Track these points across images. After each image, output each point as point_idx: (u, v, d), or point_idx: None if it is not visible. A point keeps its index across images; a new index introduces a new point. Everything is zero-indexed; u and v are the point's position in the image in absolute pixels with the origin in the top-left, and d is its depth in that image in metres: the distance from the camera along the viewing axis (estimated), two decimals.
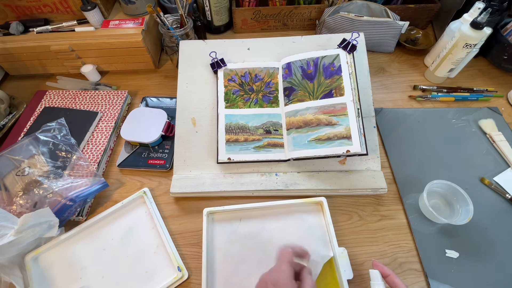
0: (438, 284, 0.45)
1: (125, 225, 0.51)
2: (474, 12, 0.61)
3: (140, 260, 0.48)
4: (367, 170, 0.54)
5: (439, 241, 0.49)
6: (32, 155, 0.54)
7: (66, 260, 0.48)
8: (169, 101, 0.68)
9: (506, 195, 0.53)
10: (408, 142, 0.61)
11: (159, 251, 0.49)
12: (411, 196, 0.54)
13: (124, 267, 0.47)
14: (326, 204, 0.50)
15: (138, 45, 0.69)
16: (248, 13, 0.81)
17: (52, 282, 0.47)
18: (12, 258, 0.45)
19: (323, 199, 0.50)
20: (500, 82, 0.71)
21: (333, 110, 0.51)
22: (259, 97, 0.58)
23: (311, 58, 0.56)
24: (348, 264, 0.45)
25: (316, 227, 0.49)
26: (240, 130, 0.56)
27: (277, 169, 0.55)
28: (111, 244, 0.50)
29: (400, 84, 0.72)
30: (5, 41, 0.68)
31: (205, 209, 0.50)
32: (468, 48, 0.61)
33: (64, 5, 0.68)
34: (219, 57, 0.60)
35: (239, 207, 0.51)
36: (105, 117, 0.64)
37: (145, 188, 0.55)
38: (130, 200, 0.53)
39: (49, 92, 0.68)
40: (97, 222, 0.51)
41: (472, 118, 0.64)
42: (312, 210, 0.51)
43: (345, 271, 0.44)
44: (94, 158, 0.58)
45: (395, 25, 0.71)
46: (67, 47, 0.68)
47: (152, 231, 0.50)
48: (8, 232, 0.44)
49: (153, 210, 0.52)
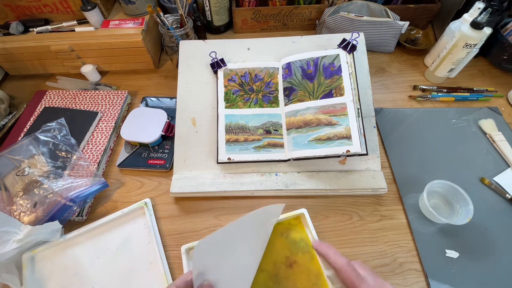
0: (438, 284, 0.45)
1: (122, 235, 0.50)
2: (474, 12, 0.61)
3: (132, 275, 0.47)
4: (367, 170, 0.54)
5: (439, 241, 0.49)
6: (32, 155, 0.54)
7: (61, 264, 0.48)
8: (169, 101, 0.68)
9: (506, 195, 0.53)
10: (408, 142, 0.61)
11: (152, 269, 0.47)
12: (411, 196, 0.54)
13: (115, 281, 0.46)
14: (307, 216, 0.48)
15: (138, 45, 0.69)
16: (248, 13, 0.81)
17: (44, 285, 0.46)
18: (11, 257, 0.45)
19: (304, 210, 0.48)
20: (500, 82, 0.71)
21: (333, 110, 0.51)
22: (259, 97, 0.58)
23: (311, 58, 0.56)
24: None
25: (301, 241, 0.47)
26: (240, 130, 0.55)
27: (277, 169, 0.55)
28: (106, 254, 0.49)
29: (400, 84, 0.72)
30: (5, 41, 0.68)
31: (183, 246, 0.47)
32: (468, 48, 0.61)
33: (64, 5, 0.68)
34: (219, 57, 0.60)
35: None
36: (105, 117, 0.64)
37: (146, 199, 0.53)
38: (131, 210, 0.52)
39: (49, 92, 0.68)
40: (96, 228, 0.50)
41: (472, 118, 0.64)
42: (296, 224, 0.49)
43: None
44: (94, 158, 0.58)
45: (395, 25, 0.71)
46: (67, 47, 0.68)
47: (148, 246, 0.49)
48: (11, 237, 0.44)
49: (151, 223, 0.50)
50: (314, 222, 0.51)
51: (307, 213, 0.48)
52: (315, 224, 0.51)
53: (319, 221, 0.52)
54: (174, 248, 0.50)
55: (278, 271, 0.45)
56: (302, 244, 0.47)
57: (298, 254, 0.46)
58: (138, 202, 0.53)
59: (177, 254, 0.49)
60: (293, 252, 0.46)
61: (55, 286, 0.46)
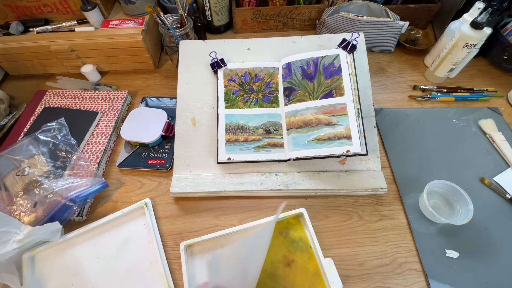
0: (438, 284, 0.45)
1: (122, 235, 0.50)
2: (474, 12, 0.61)
3: (132, 275, 0.47)
4: (367, 170, 0.54)
5: (439, 241, 0.49)
6: (32, 155, 0.54)
7: (61, 264, 0.48)
8: (169, 101, 0.68)
9: (506, 195, 0.53)
10: (408, 142, 0.61)
11: (151, 269, 0.47)
12: (411, 196, 0.54)
13: (115, 280, 0.46)
14: (306, 215, 0.48)
15: (138, 45, 0.69)
16: (248, 13, 0.81)
17: (44, 285, 0.46)
18: (11, 257, 0.45)
19: (303, 210, 0.48)
20: (500, 82, 0.71)
21: (333, 110, 0.51)
22: (259, 97, 0.58)
23: (311, 58, 0.56)
24: (336, 274, 0.43)
25: (300, 241, 0.48)
26: (240, 130, 0.55)
27: (277, 169, 0.55)
28: (106, 254, 0.49)
29: (400, 84, 0.72)
30: (5, 41, 0.68)
31: (182, 243, 0.47)
32: (468, 48, 0.61)
33: (64, 5, 0.68)
34: (219, 57, 0.60)
35: (218, 234, 0.47)
36: (105, 117, 0.64)
37: (146, 199, 0.53)
38: (131, 210, 0.52)
39: (49, 92, 0.68)
40: (96, 228, 0.50)
41: (472, 118, 0.64)
42: (296, 223, 0.50)
43: (334, 283, 0.42)
44: (94, 158, 0.58)
45: (395, 25, 0.71)
46: (67, 47, 0.68)
47: (148, 245, 0.49)
48: (11, 238, 0.44)
49: (151, 223, 0.51)
50: (314, 222, 0.52)
51: (306, 213, 0.48)
52: (315, 224, 0.51)
53: (319, 221, 0.52)
54: (174, 248, 0.50)
55: (276, 270, 0.45)
56: (301, 243, 0.47)
57: (296, 253, 0.46)
58: (138, 202, 0.53)
59: (177, 254, 0.49)
60: (291, 251, 0.46)
61: (55, 286, 0.46)
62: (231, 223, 0.52)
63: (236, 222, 0.52)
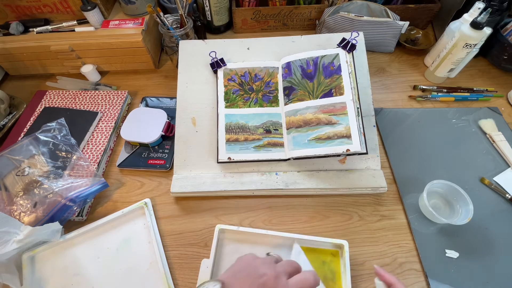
0: (438, 284, 0.45)
1: (122, 235, 0.50)
2: (474, 12, 0.61)
3: (132, 275, 0.47)
4: (367, 169, 0.54)
5: (439, 241, 0.49)
6: (32, 155, 0.54)
7: (61, 264, 0.48)
8: (169, 101, 0.68)
9: (506, 195, 0.53)
10: (408, 142, 0.61)
11: (151, 269, 0.47)
12: (411, 196, 0.54)
13: (115, 281, 0.46)
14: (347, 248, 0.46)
15: (138, 45, 0.69)
16: (248, 13, 0.81)
17: (44, 285, 0.46)
18: (11, 257, 0.45)
19: (344, 242, 0.46)
20: (500, 82, 0.71)
21: (333, 109, 0.51)
22: (259, 96, 0.58)
23: (310, 57, 0.56)
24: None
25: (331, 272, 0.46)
26: (240, 129, 0.55)
27: (277, 168, 0.55)
28: (106, 254, 0.49)
29: (400, 84, 0.72)
30: (5, 41, 0.68)
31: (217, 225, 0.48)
32: (468, 48, 0.61)
33: (64, 5, 0.68)
34: (219, 57, 0.60)
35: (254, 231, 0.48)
36: (105, 117, 0.64)
37: (146, 199, 0.53)
38: (131, 210, 0.52)
39: (49, 92, 0.68)
40: (96, 228, 0.50)
41: (472, 118, 0.64)
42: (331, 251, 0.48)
43: None
44: (94, 158, 0.58)
45: (395, 25, 0.71)
46: (67, 47, 0.68)
47: (148, 245, 0.49)
48: (11, 238, 0.44)
49: (151, 223, 0.50)
50: (314, 221, 0.52)
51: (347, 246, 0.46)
52: (316, 224, 0.51)
53: (319, 220, 0.52)
54: (174, 248, 0.50)
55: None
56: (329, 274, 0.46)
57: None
58: (138, 202, 0.52)
59: (177, 254, 0.49)
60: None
61: (55, 286, 0.46)
62: (232, 222, 0.52)
63: (237, 221, 0.52)
